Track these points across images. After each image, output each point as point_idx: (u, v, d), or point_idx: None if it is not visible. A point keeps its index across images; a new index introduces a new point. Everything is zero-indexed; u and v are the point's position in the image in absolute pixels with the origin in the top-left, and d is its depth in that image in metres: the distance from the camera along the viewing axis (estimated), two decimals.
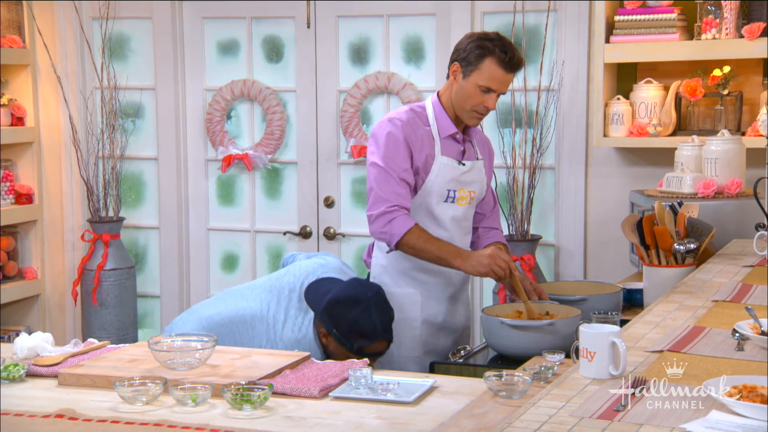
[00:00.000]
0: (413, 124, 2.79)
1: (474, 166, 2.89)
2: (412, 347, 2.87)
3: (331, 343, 2.58)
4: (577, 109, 4.13)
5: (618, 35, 3.88)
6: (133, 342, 3.58)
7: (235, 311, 2.66)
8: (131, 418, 1.94)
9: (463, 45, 2.75)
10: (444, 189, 2.83)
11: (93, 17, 4.72)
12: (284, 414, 1.96)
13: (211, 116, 4.65)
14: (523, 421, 1.55)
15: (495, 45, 2.70)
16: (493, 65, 2.70)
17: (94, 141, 4.72)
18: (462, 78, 2.74)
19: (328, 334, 2.57)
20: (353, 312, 2.52)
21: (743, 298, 2.41)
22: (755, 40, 3.65)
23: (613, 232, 3.74)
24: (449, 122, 2.82)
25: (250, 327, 2.62)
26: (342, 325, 2.53)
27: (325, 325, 2.56)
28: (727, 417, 1.51)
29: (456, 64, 2.75)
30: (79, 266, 4.64)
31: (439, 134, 2.81)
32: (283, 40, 4.61)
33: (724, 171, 3.43)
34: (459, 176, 2.84)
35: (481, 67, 2.71)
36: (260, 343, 2.60)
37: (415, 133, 2.79)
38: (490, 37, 2.75)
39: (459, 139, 2.86)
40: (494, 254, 2.65)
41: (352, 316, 2.52)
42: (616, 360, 1.76)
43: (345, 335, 2.53)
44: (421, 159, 2.79)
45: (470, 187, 2.88)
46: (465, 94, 2.75)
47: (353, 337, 2.53)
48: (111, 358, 2.32)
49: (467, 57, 2.72)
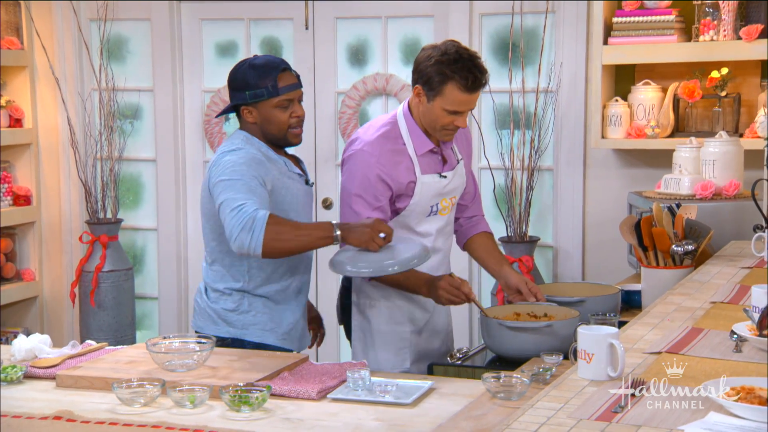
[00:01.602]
0: (385, 154, 2.67)
1: (455, 173, 2.79)
2: (403, 359, 2.80)
3: (256, 116, 2.59)
4: (575, 111, 4.13)
5: (616, 37, 3.88)
6: (131, 344, 3.57)
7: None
8: (129, 419, 1.94)
9: (423, 67, 2.61)
10: (427, 206, 2.74)
11: (91, 18, 4.72)
12: (282, 416, 1.95)
13: (210, 118, 4.65)
14: (522, 422, 1.55)
15: (454, 70, 2.56)
16: (455, 90, 2.58)
17: (92, 142, 4.72)
18: (427, 101, 2.62)
19: (251, 109, 2.58)
20: (245, 64, 2.61)
21: (741, 299, 2.41)
22: (753, 42, 3.65)
23: (611, 233, 3.74)
24: (423, 138, 2.70)
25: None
26: (247, 81, 2.55)
27: (240, 98, 2.57)
28: (726, 418, 1.51)
29: (418, 87, 2.63)
30: (77, 268, 4.63)
31: (416, 153, 2.70)
32: (282, 41, 4.61)
33: (722, 172, 3.43)
34: (441, 189, 2.75)
35: (443, 93, 2.59)
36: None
37: (390, 163, 2.67)
38: (449, 60, 2.57)
39: (436, 152, 2.75)
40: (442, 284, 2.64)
41: (247, 65, 2.60)
42: (614, 361, 1.76)
43: (255, 83, 2.54)
44: (402, 185, 2.69)
45: (451, 194, 2.80)
46: (433, 116, 2.64)
47: (263, 79, 2.54)
48: (109, 359, 2.32)
49: (428, 82, 2.59)
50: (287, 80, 2.58)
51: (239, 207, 2.39)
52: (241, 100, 2.58)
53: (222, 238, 2.54)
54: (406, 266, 2.46)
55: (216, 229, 2.57)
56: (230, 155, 2.53)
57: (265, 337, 2.61)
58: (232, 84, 2.62)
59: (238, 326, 2.61)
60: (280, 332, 2.63)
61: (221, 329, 2.60)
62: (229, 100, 2.66)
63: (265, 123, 2.58)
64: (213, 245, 2.63)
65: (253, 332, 2.60)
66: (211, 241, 2.63)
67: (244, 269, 2.61)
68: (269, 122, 2.58)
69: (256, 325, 2.61)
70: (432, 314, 2.85)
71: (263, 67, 2.57)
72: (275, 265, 2.61)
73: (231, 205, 2.40)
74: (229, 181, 2.45)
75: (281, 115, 2.57)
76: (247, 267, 2.60)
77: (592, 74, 3.96)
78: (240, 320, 2.61)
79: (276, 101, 2.57)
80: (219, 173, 2.49)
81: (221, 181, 2.47)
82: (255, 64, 2.59)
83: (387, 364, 2.76)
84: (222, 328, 2.61)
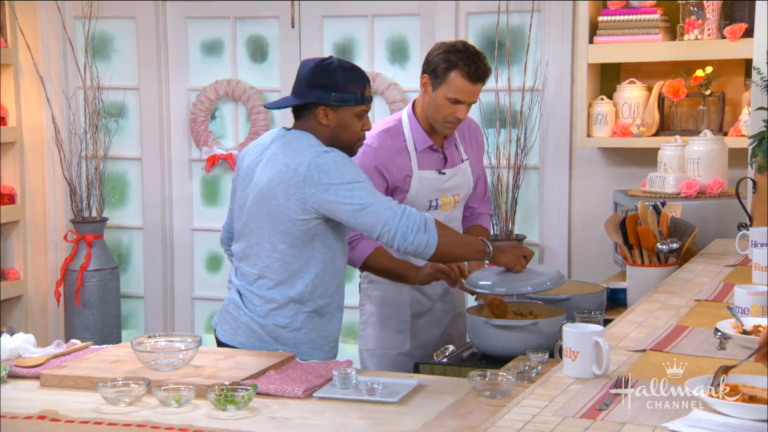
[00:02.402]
0: (385, 148, 2.78)
1: (457, 171, 2.88)
2: (403, 340, 2.92)
3: (332, 120, 2.44)
4: (560, 110, 4.14)
5: (601, 36, 3.89)
6: (117, 343, 3.56)
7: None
8: (114, 419, 1.92)
9: (432, 57, 2.76)
10: (425, 200, 2.83)
11: (76, 17, 4.69)
12: (268, 414, 1.94)
13: (195, 116, 4.64)
14: (507, 420, 1.55)
15: (459, 58, 2.70)
16: (459, 78, 2.71)
17: (77, 141, 4.70)
18: (432, 90, 2.76)
19: (328, 112, 2.43)
20: (333, 63, 2.45)
21: (725, 297, 2.42)
22: (737, 41, 3.67)
23: (596, 231, 3.75)
24: (424, 135, 2.82)
25: None
26: (336, 82, 2.42)
27: (322, 97, 2.42)
28: (709, 416, 1.51)
29: (425, 76, 2.77)
30: (62, 267, 4.61)
31: (415, 148, 2.81)
32: (268, 40, 4.60)
33: (706, 171, 3.45)
34: (440, 185, 2.84)
35: (447, 80, 2.72)
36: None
37: (388, 157, 2.78)
38: (456, 49, 2.73)
39: (437, 149, 2.85)
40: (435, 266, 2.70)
41: (337, 65, 2.45)
42: (599, 359, 1.76)
43: (344, 86, 2.42)
44: (399, 179, 2.79)
45: (453, 191, 2.89)
46: (435, 106, 2.76)
47: (351, 86, 2.44)
48: (94, 359, 2.30)
49: (434, 70, 2.73)
50: (369, 91, 2.50)
51: (401, 209, 2.36)
52: (322, 99, 2.42)
53: (298, 243, 2.40)
54: (539, 288, 2.51)
55: (293, 232, 2.40)
56: (334, 155, 2.38)
57: (315, 355, 2.47)
58: (314, 80, 2.43)
59: (290, 344, 2.45)
60: (326, 349, 2.53)
61: (269, 346, 2.44)
62: (300, 94, 2.44)
63: (340, 129, 2.44)
64: (283, 248, 2.42)
65: (304, 350, 2.46)
66: (280, 243, 2.42)
67: (309, 279, 2.45)
68: (345, 129, 2.45)
69: (307, 343, 2.48)
70: (435, 303, 2.96)
71: (355, 71, 2.46)
72: (338, 279, 2.52)
73: (387, 206, 2.34)
74: (359, 183, 2.35)
75: (358, 124, 2.46)
76: (313, 276, 2.45)
77: (578, 73, 3.97)
78: (292, 338, 2.46)
79: (359, 110, 2.45)
80: (333, 175, 2.34)
81: (347, 183, 2.34)
82: (345, 66, 2.45)
83: (388, 343, 2.90)
84: (270, 346, 2.44)
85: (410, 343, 2.92)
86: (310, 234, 2.41)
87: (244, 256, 2.50)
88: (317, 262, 2.44)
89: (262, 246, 2.44)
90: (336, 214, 2.37)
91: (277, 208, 2.40)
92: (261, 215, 2.43)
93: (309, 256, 2.42)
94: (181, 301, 4.81)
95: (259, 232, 2.44)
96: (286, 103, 2.51)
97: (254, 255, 2.47)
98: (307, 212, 2.37)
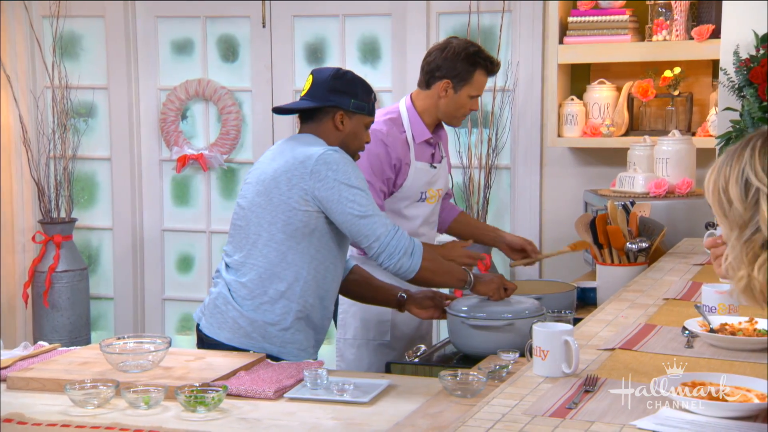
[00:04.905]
0: (392, 134, 2.89)
1: (443, 166, 3.04)
2: (383, 331, 2.95)
3: (347, 126, 2.51)
4: (531, 110, 4.16)
5: (571, 36, 3.91)
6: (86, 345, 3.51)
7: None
8: (82, 421, 1.90)
9: (450, 63, 2.88)
10: (417, 192, 2.95)
11: (43, 15, 4.64)
12: (239, 416, 1.93)
13: (166, 116, 4.61)
14: (477, 419, 1.56)
15: (481, 58, 2.89)
16: (482, 75, 2.91)
17: (45, 141, 4.65)
18: (454, 92, 2.90)
19: (345, 118, 2.49)
20: (349, 72, 2.54)
21: (693, 296, 2.44)
22: (704, 42, 3.70)
23: (567, 231, 3.76)
24: (423, 128, 2.94)
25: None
26: (355, 90, 2.50)
27: (342, 102, 2.48)
28: (677, 413, 1.53)
29: (447, 81, 2.88)
30: (30, 268, 4.56)
31: (414, 140, 2.93)
32: (239, 39, 4.58)
33: (675, 170, 3.48)
34: (430, 178, 2.97)
35: (472, 81, 2.89)
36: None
37: (394, 143, 2.89)
38: (474, 50, 2.89)
39: (432, 143, 2.98)
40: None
41: (353, 74, 2.54)
42: (568, 358, 1.77)
43: (362, 95, 2.50)
44: (398, 166, 2.90)
45: (437, 185, 3.01)
46: (457, 105, 2.92)
47: (366, 96, 2.52)
48: (62, 361, 2.28)
49: (459, 74, 2.88)
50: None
51: (395, 229, 2.42)
52: (343, 104, 2.48)
53: (296, 234, 2.40)
54: (519, 316, 2.52)
55: (293, 222, 2.40)
56: (344, 156, 2.40)
57: (301, 357, 2.45)
58: (335, 86, 2.48)
59: (276, 343, 2.44)
60: (311, 352, 2.51)
61: (255, 344, 2.43)
62: (318, 98, 2.48)
63: (351, 136, 2.50)
64: (281, 237, 2.41)
65: (290, 350, 2.45)
66: (279, 232, 2.41)
67: (302, 275, 2.43)
68: (355, 137, 2.51)
69: (294, 343, 2.46)
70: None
71: (368, 85, 2.55)
72: (330, 286, 2.51)
73: (383, 222, 2.40)
74: (362, 191, 2.39)
75: (364, 135, 2.54)
76: (305, 273, 2.44)
77: (548, 73, 3.99)
78: (279, 337, 2.44)
79: (368, 121, 2.54)
80: (340, 173, 2.37)
81: (351, 186, 2.37)
82: (359, 78, 2.54)
83: (369, 333, 2.94)
84: (256, 344, 2.43)
85: (390, 334, 2.95)
86: (310, 227, 2.41)
87: (239, 248, 2.48)
88: (312, 260, 2.42)
89: (260, 236, 2.43)
90: (333, 213, 2.39)
91: (278, 197, 2.41)
92: (262, 205, 2.43)
93: (305, 251, 2.41)
94: (152, 303, 4.78)
95: (258, 222, 2.44)
96: (302, 106, 2.54)
97: (250, 245, 2.45)
98: (309, 204, 2.39)
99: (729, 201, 1.44)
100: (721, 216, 1.46)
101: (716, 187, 1.46)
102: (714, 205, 1.47)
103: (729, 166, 1.46)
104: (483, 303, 2.55)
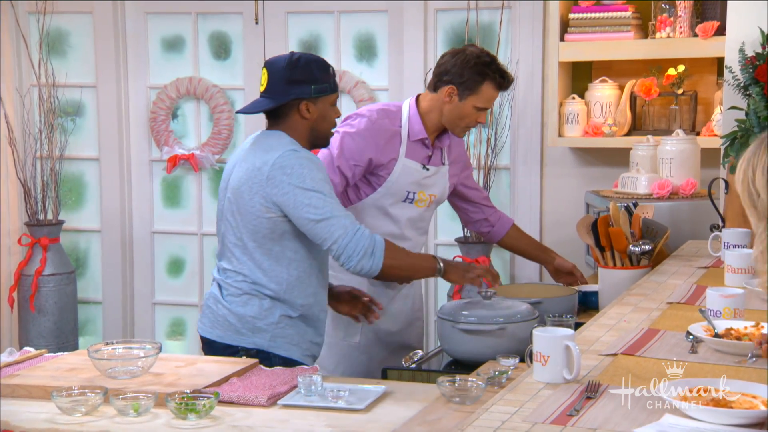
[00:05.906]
0: (380, 124, 2.85)
1: (437, 171, 2.94)
2: (353, 332, 2.90)
3: (313, 112, 2.49)
4: (531, 109, 4.11)
5: (572, 33, 3.87)
6: (74, 350, 3.45)
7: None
8: (69, 429, 1.88)
9: (458, 69, 2.82)
10: (404, 190, 2.89)
11: (30, 12, 4.58)
12: (231, 423, 1.91)
13: (156, 115, 4.54)
14: (476, 427, 1.54)
15: (492, 70, 2.82)
16: (491, 89, 2.84)
17: (31, 141, 4.59)
18: (458, 100, 2.84)
19: (310, 105, 2.46)
20: (301, 59, 2.49)
21: (697, 300, 2.41)
22: (709, 39, 3.67)
23: (568, 233, 3.73)
24: (420, 127, 2.89)
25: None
26: (313, 74, 2.46)
27: (303, 92, 2.45)
28: (681, 420, 1.51)
29: (452, 87, 2.83)
30: (16, 271, 4.51)
31: (408, 137, 2.88)
32: (231, 36, 4.53)
33: (679, 171, 3.45)
34: (421, 179, 2.91)
35: (479, 91, 2.82)
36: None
37: (380, 133, 2.84)
38: (486, 61, 2.83)
39: (428, 144, 2.92)
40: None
41: (306, 59, 2.49)
42: (570, 364, 1.75)
43: (320, 77, 2.46)
44: (384, 161, 2.84)
45: (431, 190, 2.94)
46: (461, 114, 2.85)
47: (324, 76, 2.48)
48: (48, 367, 2.25)
49: (465, 82, 2.81)
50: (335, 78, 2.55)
51: (354, 229, 2.39)
52: (304, 94, 2.45)
53: (266, 241, 2.42)
54: (511, 320, 2.50)
55: (260, 230, 2.42)
56: (302, 157, 2.38)
57: (292, 352, 2.47)
58: (292, 77, 2.44)
59: (266, 337, 2.44)
60: (304, 347, 2.51)
61: (246, 339, 2.44)
62: (278, 93, 2.44)
63: (320, 120, 2.49)
64: (252, 246, 2.44)
65: (280, 344, 2.46)
66: (249, 241, 2.44)
67: (283, 278, 2.45)
68: (324, 119, 2.49)
69: (284, 338, 2.46)
70: (393, 300, 2.96)
71: (322, 61, 2.50)
72: (318, 281, 2.51)
73: (341, 224, 2.38)
74: (317, 193, 2.37)
75: (333, 112, 2.52)
76: (286, 276, 2.45)
77: (549, 71, 3.94)
78: (269, 331, 2.45)
79: (333, 98, 2.51)
80: (295, 177, 2.36)
81: (307, 190, 2.36)
82: (312, 58, 2.50)
83: (339, 332, 2.88)
84: (248, 339, 2.44)
85: (360, 337, 2.90)
86: (278, 233, 2.43)
87: (222, 255, 2.54)
88: (289, 261, 2.46)
89: (236, 244, 2.48)
90: (292, 218, 2.41)
91: (244, 206, 2.44)
92: (234, 213, 2.48)
93: (279, 255, 2.44)
94: (141, 307, 4.72)
95: (233, 231, 2.48)
96: (263, 107, 2.51)
97: (229, 253, 2.50)
98: (271, 210, 2.40)
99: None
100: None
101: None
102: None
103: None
104: (474, 307, 2.52)
